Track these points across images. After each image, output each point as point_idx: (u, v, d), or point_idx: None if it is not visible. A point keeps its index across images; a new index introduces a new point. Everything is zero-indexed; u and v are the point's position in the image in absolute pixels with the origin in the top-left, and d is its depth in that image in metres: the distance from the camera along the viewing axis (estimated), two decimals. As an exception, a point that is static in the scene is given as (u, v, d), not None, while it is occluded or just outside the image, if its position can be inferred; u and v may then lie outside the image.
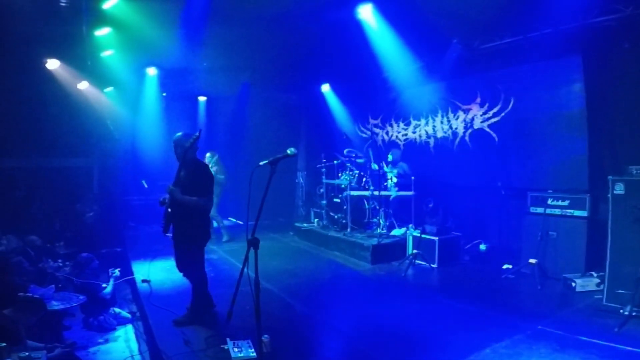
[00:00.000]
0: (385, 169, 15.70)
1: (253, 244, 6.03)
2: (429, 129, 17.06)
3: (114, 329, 9.69)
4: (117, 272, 11.17)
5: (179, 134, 9.02)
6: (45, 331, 8.18)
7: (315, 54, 16.24)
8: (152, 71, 18.93)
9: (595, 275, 10.46)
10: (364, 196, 15.65)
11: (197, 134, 8.58)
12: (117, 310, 10.19)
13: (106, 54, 16.02)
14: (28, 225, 14.79)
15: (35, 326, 7.89)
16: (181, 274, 9.38)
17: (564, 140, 12.65)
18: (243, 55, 16.88)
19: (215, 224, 16.84)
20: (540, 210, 11.89)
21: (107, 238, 15.68)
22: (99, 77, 18.26)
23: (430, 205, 14.15)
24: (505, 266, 12.48)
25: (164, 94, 21.46)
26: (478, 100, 15.09)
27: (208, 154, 16.97)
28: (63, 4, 12.96)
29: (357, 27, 13.98)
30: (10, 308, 7.56)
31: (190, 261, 9.07)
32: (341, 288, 11.63)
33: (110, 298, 10.58)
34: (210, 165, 15.85)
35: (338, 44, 15.14)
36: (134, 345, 8.97)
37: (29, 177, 18.47)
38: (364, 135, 20.30)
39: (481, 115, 15.01)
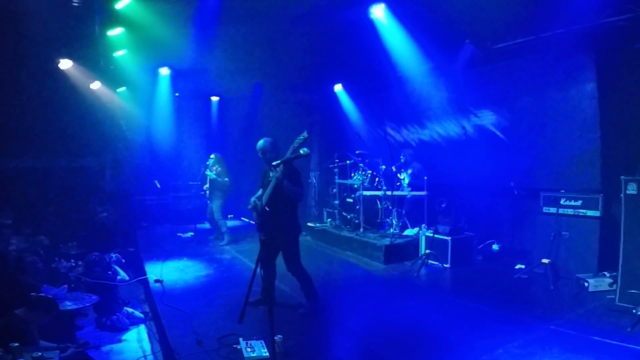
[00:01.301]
0: (400, 175, 15.75)
1: (265, 244, 6.05)
2: (442, 130, 17.00)
3: (127, 329, 9.66)
4: (114, 256, 11.26)
5: (264, 142, 9.70)
6: (58, 331, 8.20)
7: (328, 54, 16.23)
8: (164, 71, 19.02)
9: (608, 275, 10.44)
10: (377, 196, 15.64)
11: (306, 134, 8.65)
12: (129, 310, 10.19)
13: (119, 54, 16.08)
14: (40, 225, 14.83)
15: (48, 326, 7.92)
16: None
17: (576, 140, 12.63)
18: (256, 55, 16.86)
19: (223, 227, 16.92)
20: (552, 210, 11.86)
21: (119, 238, 15.72)
22: (112, 77, 18.34)
23: (443, 206, 14.14)
24: (518, 266, 12.50)
25: (177, 94, 21.46)
26: (490, 101, 15.07)
27: (212, 157, 17.07)
28: (75, 4, 12.99)
29: (370, 27, 13.99)
30: (23, 308, 7.58)
31: (294, 252, 9.37)
32: (354, 288, 11.66)
33: (128, 281, 10.89)
34: (212, 169, 16.03)
35: (351, 44, 15.15)
36: (147, 345, 8.96)
37: (42, 177, 18.51)
38: (379, 135, 20.08)
39: (493, 116, 15.00)
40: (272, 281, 9.91)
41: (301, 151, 6.97)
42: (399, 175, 15.76)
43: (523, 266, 12.36)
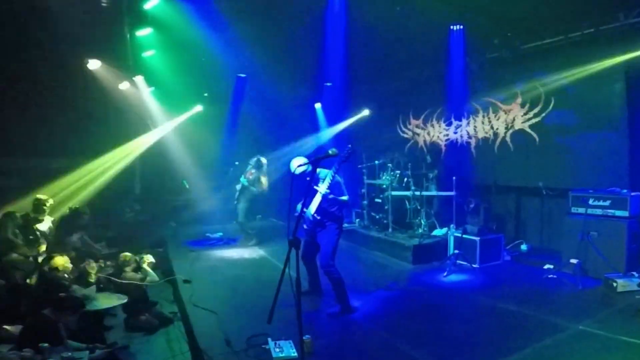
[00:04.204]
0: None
1: (294, 244, 6.06)
2: (470, 129, 17.04)
3: (156, 329, 9.75)
4: (144, 257, 11.31)
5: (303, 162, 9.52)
6: (87, 332, 8.29)
7: (355, 52, 16.23)
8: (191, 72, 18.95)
9: (636, 275, 10.42)
10: (405, 196, 15.57)
11: (351, 149, 9.05)
12: (158, 310, 10.34)
13: (147, 54, 16.19)
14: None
15: (77, 326, 7.99)
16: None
17: (605, 140, 12.66)
18: (281, 53, 16.89)
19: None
20: (581, 210, 11.86)
21: (148, 238, 15.76)
22: (141, 77, 18.49)
23: (472, 206, 14.23)
24: (546, 266, 12.48)
25: (206, 94, 21.52)
26: (519, 100, 15.08)
27: (254, 160, 16.34)
28: (104, 4, 13.12)
29: (396, 26, 14.02)
30: (50, 308, 7.64)
31: (332, 250, 9.64)
32: (382, 288, 11.59)
33: (158, 281, 11.10)
34: (247, 175, 15.99)
35: (379, 42, 15.18)
36: (176, 345, 9.07)
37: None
38: (405, 135, 20.31)
39: (522, 116, 14.99)
40: (317, 274, 10.36)
41: (330, 151, 7.05)
42: (423, 178, 15.65)
43: (552, 266, 12.35)
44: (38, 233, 12.75)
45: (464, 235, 13.33)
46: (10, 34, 13.52)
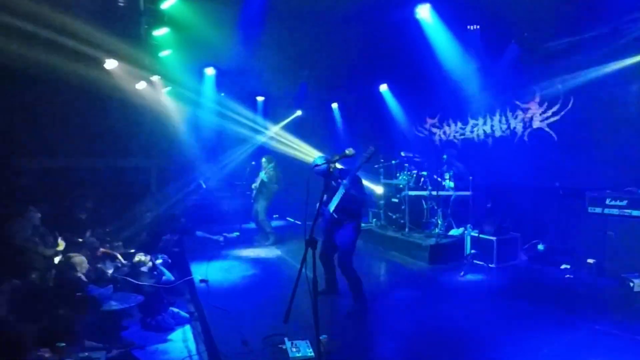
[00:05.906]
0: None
1: (311, 244, 6.06)
2: (487, 129, 17.01)
3: (172, 329, 9.84)
4: (160, 257, 11.39)
5: (323, 158, 9.56)
6: (103, 331, 8.36)
7: (373, 53, 16.27)
8: (210, 71, 19.36)
9: (653, 275, 10.31)
10: (422, 196, 15.59)
11: (373, 148, 9.11)
12: (175, 310, 10.37)
13: (164, 53, 16.31)
14: (86, 225, 14.92)
15: (94, 326, 8.02)
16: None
17: (622, 140, 12.51)
18: (301, 54, 16.94)
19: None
20: (598, 210, 11.82)
21: (165, 239, 15.80)
22: (158, 77, 18.61)
23: (489, 205, 14.31)
24: (563, 266, 12.48)
25: (222, 94, 21.60)
26: (537, 99, 15.02)
27: (264, 159, 16.80)
28: (121, 4, 13.16)
29: (416, 27, 14.12)
30: (66, 308, 7.67)
31: (349, 252, 9.73)
32: (399, 288, 11.73)
33: (174, 281, 11.07)
34: (266, 171, 16.12)
35: (396, 44, 15.18)
36: (192, 345, 9.14)
37: (88, 177, 18.66)
38: (421, 135, 20.30)
39: (540, 115, 14.93)
40: (334, 273, 10.40)
41: (346, 151, 7.10)
42: (439, 177, 15.57)
43: (568, 266, 12.37)
44: (56, 232, 12.83)
45: (481, 235, 13.37)
46: (28, 35, 13.54)
